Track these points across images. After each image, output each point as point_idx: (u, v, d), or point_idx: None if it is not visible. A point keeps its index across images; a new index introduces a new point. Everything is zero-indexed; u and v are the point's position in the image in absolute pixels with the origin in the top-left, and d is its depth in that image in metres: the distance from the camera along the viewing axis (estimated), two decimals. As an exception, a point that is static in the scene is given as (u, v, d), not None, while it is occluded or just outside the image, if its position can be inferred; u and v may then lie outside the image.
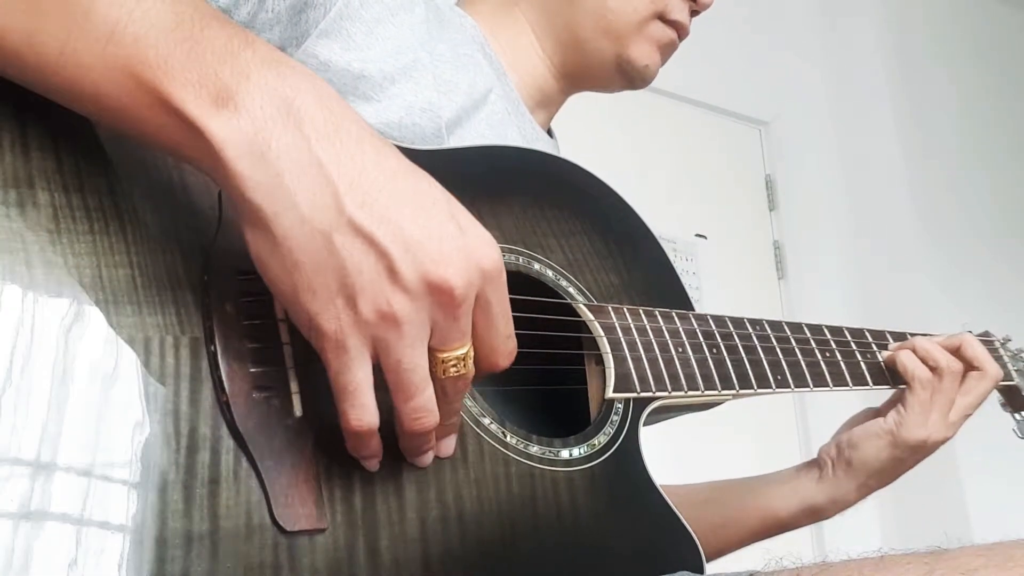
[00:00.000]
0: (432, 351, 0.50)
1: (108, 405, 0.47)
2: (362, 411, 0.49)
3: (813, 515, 0.94)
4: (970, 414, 0.94)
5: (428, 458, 0.56)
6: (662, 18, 0.91)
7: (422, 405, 0.51)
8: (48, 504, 0.44)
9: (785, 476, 0.96)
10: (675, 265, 0.85)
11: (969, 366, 0.93)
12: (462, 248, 0.49)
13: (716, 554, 0.95)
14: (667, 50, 0.93)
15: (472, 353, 0.51)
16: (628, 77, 0.93)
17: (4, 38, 0.47)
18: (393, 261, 0.47)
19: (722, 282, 2.65)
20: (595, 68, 0.93)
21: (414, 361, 0.49)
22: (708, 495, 0.98)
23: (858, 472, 0.93)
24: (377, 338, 0.48)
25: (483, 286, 0.50)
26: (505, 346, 0.53)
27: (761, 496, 0.95)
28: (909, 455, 0.92)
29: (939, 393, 0.91)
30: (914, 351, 0.92)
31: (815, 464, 0.95)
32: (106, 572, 0.44)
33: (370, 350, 0.49)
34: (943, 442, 0.92)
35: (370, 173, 0.48)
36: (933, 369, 0.92)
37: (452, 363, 0.51)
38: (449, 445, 0.57)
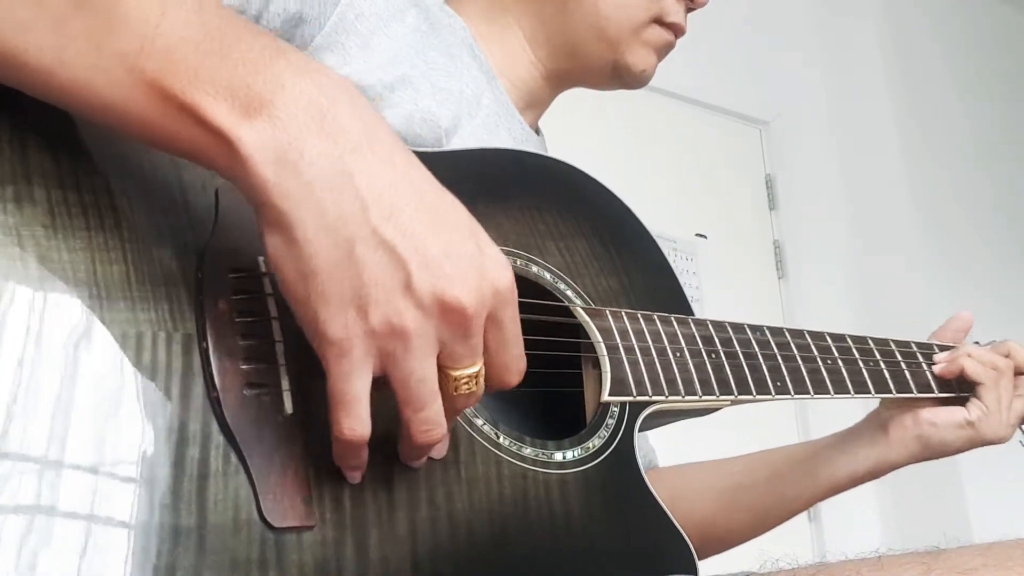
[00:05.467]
0: (443, 369, 0.50)
1: (99, 399, 0.47)
2: (355, 421, 0.49)
3: (870, 476, 0.96)
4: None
5: (422, 460, 0.56)
6: (659, 21, 0.91)
7: (431, 417, 0.51)
8: (37, 497, 0.44)
9: (849, 442, 0.97)
10: (674, 265, 0.85)
11: (1018, 370, 0.96)
12: (478, 268, 0.49)
13: (777, 523, 0.98)
14: (664, 51, 0.94)
15: (483, 371, 0.52)
16: (624, 81, 0.94)
17: (35, 57, 0.47)
18: (410, 275, 0.47)
19: (722, 282, 2.65)
20: (590, 72, 0.94)
21: (424, 374, 0.49)
22: (772, 470, 0.99)
23: (926, 448, 0.94)
24: (384, 350, 0.48)
25: (496, 306, 0.51)
26: (516, 364, 0.54)
27: (828, 465, 0.96)
28: (976, 446, 0.95)
29: (1004, 391, 0.94)
30: (970, 356, 0.94)
31: (880, 428, 0.96)
32: (94, 565, 0.44)
33: (374, 362, 0.49)
34: (1004, 441, 0.96)
35: (398, 187, 0.48)
36: (993, 370, 0.94)
37: (464, 381, 0.51)
38: (442, 446, 0.57)
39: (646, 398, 0.71)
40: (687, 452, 1.07)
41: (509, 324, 0.52)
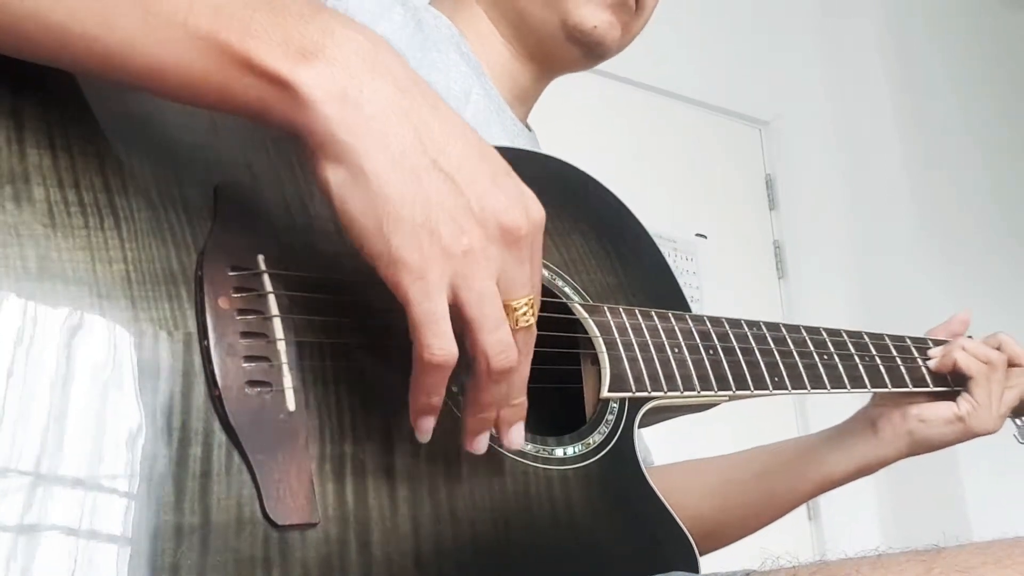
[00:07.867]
0: (503, 302, 0.52)
1: (100, 399, 0.47)
2: (444, 339, 0.50)
3: (861, 473, 0.97)
4: (1015, 406, 0.97)
5: (484, 443, 0.57)
6: None
7: (504, 339, 0.52)
8: (42, 496, 0.44)
9: (839, 439, 0.98)
10: (674, 265, 0.85)
11: (1011, 362, 0.96)
12: (520, 201, 0.53)
13: (769, 520, 0.98)
14: (619, 10, 0.90)
15: (538, 300, 0.54)
16: (583, 44, 0.90)
17: (80, 25, 0.47)
18: (470, 201, 0.50)
19: (722, 282, 2.65)
20: (548, 42, 0.92)
21: (493, 291, 0.51)
22: (762, 467, 0.99)
23: (916, 444, 0.95)
24: (457, 272, 0.50)
25: (533, 238, 0.54)
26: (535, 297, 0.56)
27: (819, 463, 0.97)
28: (966, 439, 0.95)
29: (995, 384, 0.94)
30: (964, 349, 0.95)
31: (870, 425, 0.96)
32: (97, 564, 0.44)
33: (447, 286, 0.50)
34: (994, 432, 0.96)
35: (446, 126, 0.51)
36: (985, 364, 0.94)
37: (522, 311, 0.53)
38: (518, 434, 0.58)
39: (645, 394, 0.71)
40: (685, 448, 1.07)
41: (536, 256, 0.54)
